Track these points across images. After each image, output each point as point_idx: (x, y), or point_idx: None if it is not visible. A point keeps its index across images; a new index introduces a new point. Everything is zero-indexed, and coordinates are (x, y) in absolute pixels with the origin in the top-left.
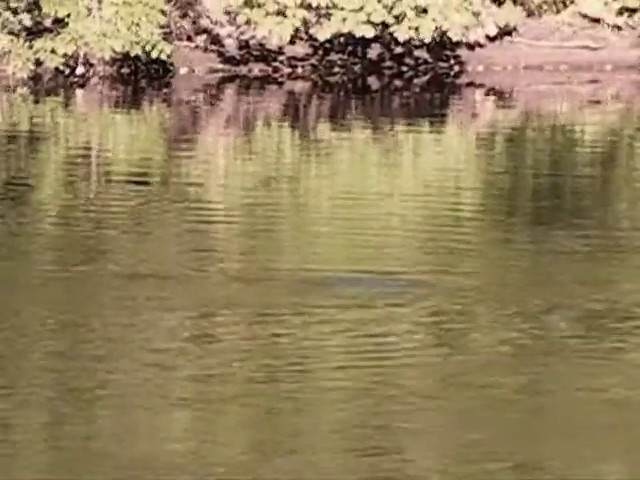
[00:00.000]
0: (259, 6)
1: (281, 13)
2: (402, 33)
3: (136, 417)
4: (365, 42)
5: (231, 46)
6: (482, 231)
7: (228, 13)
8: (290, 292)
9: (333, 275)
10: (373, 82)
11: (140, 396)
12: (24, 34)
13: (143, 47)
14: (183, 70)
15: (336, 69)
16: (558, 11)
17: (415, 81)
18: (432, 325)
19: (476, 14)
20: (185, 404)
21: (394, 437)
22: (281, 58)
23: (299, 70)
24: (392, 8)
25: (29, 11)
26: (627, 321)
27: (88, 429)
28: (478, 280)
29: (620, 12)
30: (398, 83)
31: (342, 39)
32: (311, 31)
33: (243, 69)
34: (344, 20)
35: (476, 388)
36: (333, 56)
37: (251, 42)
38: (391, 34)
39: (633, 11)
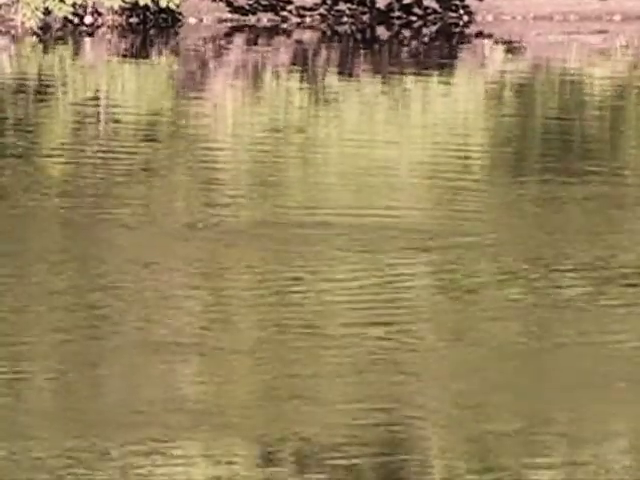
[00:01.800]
0: None
1: None
2: None
3: (147, 364)
4: None
5: None
6: (490, 179)
7: None
8: (298, 239)
9: (340, 221)
10: (382, 32)
11: (150, 344)
12: None
13: None
14: (192, 20)
15: (345, 19)
16: None
17: (424, 31)
18: (439, 276)
19: None
20: (195, 352)
21: (400, 386)
22: (290, 8)
23: (307, 19)
24: None
25: None
26: (635, 274)
27: (99, 374)
28: (486, 229)
29: None
30: (407, 33)
31: None
32: None
33: (252, 19)
34: None
35: (484, 341)
36: (342, 5)
37: None
38: None
39: None
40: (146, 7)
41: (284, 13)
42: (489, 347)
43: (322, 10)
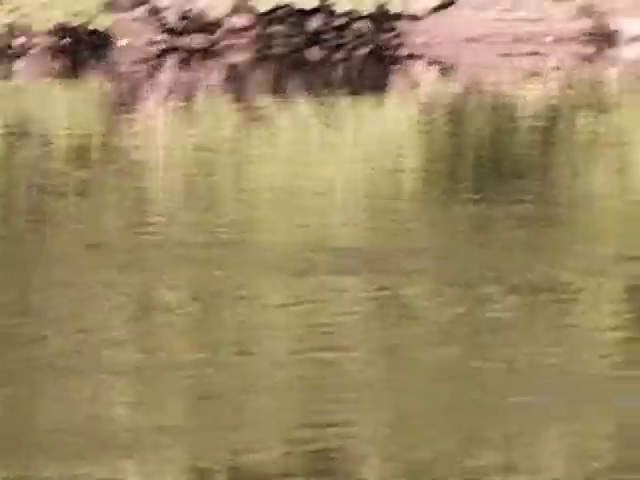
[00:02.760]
0: None
1: None
2: (342, 4)
3: (72, 383)
4: (305, 13)
5: (171, 17)
6: (423, 199)
7: None
8: (229, 259)
9: (271, 241)
10: (314, 54)
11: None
12: None
13: (83, 18)
14: (123, 41)
15: (277, 41)
16: None
17: (356, 53)
18: (372, 297)
19: None
20: (124, 373)
21: (335, 410)
22: (221, 29)
23: (240, 41)
24: None
25: None
26: (562, 292)
27: (25, 394)
28: (418, 250)
29: None
30: (339, 55)
31: (283, 10)
32: (251, 2)
33: (183, 40)
34: None
35: (418, 362)
36: (274, 27)
37: (191, 13)
38: (331, 5)
39: None
40: (77, 29)
41: (216, 35)
42: (423, 368)
43: (254, 32)
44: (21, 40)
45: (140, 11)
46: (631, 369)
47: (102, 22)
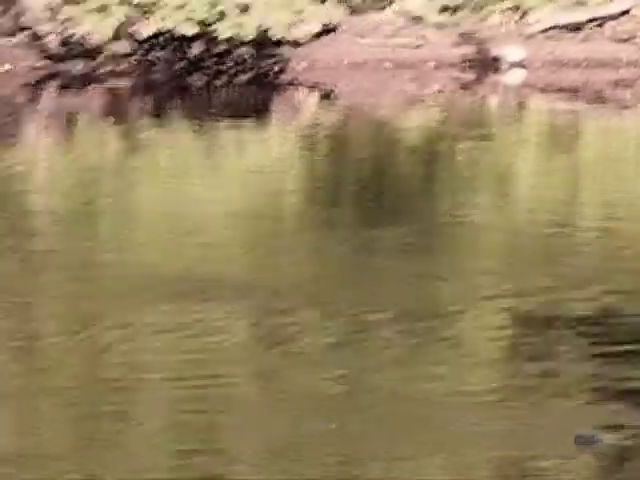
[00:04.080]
0: (80, 3)
1: (103, 10)
2: (224, 31)
3: None
4: (187, 40)
5: (52, 43)
6: (302, 230)
7: (50, 9)
8: (111, 296)
9: (155, 277)
10: (195, 80)
11: None
12: None
13: None
14: (4, 67)
15: (158, 67)
16: (381, 8)
17: (237, 79)
18: (252, 324)
19: (298, 11)
20: (4, 400)
21: (215, 435)
22: (103, 55)
23: (121, 67)
24: (214, 6)
25: None
26: (442, 318)
27: None
28: (299, 279)
29: (442, 10)
30: (220, 81)
31: (164, 37)
32: (133, 28)
33: (65, 66)
34: (166, 18)
35: (299, 387)
36: (155, 53)
37: (73, 39)
38: (213, 32)
39: (455, 9)
40: None
41: (97, 60)
42: (304, 394)
43: (136, 58)
44: None
45: (21, 37)
46: (508, 400)
47: None
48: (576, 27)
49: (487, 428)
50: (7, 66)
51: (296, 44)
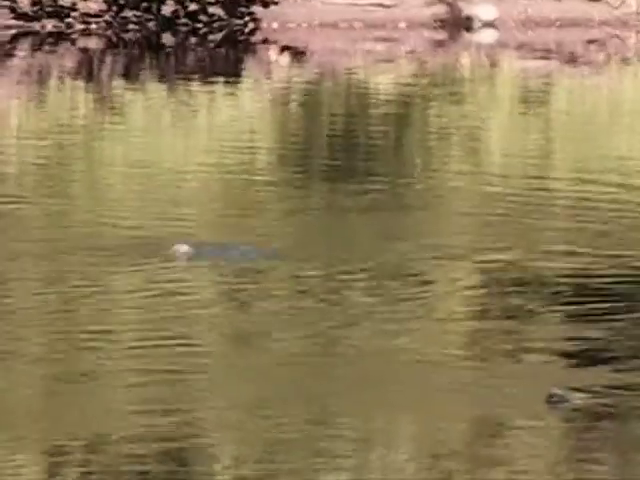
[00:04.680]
0: None
1: None
2: None
3: None
4: None
5: (24, 2)
6: (272, 188)
7: None
8: (80, 255)
9: (125, 236)
10: (168, 39)
11: None
12: None
13: None
14: None
15: (130, 26)
16: None
17: (210, 38)
18: (224, 287)
19: None
20: None
21: (188, 395)
22: (74, 14)
23: (93, 27)
24: None
25: None
26: (412, 277)
27: None
28: (269, 238)
29: None
30: (193, 40)
31: None
32: None
33: (36, 25)
34: None
35: (269, 344)
36: (127, 13)
37: None
38: None
39: None
40: None
41: (69, 20)
42: (277, 355)
43: (107, 17)
44: None
45: None
46: (478, 359)
47: None
48: None
49: (457, 386)
50: None
51: (268, 3)
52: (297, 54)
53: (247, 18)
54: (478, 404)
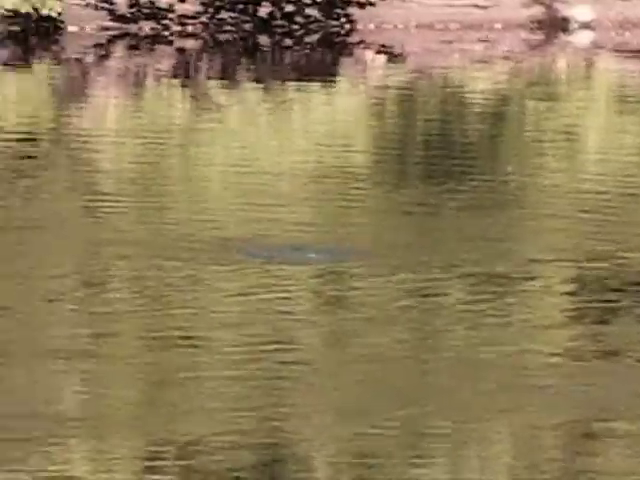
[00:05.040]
0: None
1: None
2: None
3: (26, 371)
4: (256, 0)
5: (121, 4)
6: (372, 186)
7: None
8: (177, 256)
9: (221, 238)
10: (264, 40)
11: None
12: None
13: (33, 4)
14: (73, 28)
15: (227, 27)
16: None
17: (306, 40)
18: (319, 288)
19: None
20: (77, 359)
21: (282, 394)
22: (171, 16)
23: (189, 28)
24: None
25: None
26: (508, 279)
27: None
28: (369, 241)
29: None
30: (289, 42)
31: None
32: None
33: (133, 27)
34: None
35: (364, 347)
36: (224, 14)
37: (141, 0)
38: None
39: None
40: (28, 15)
41: (165, 21)
42: (372, 356)
43: (204, 19)
44: None
45: None
46: (577, 360)
47: (53, 8)
48: None
49: (556, 390)
50: (76, 27)
51: (364, 5)
52: (393, 55)
53: (343, 19)
54: (578, 407)
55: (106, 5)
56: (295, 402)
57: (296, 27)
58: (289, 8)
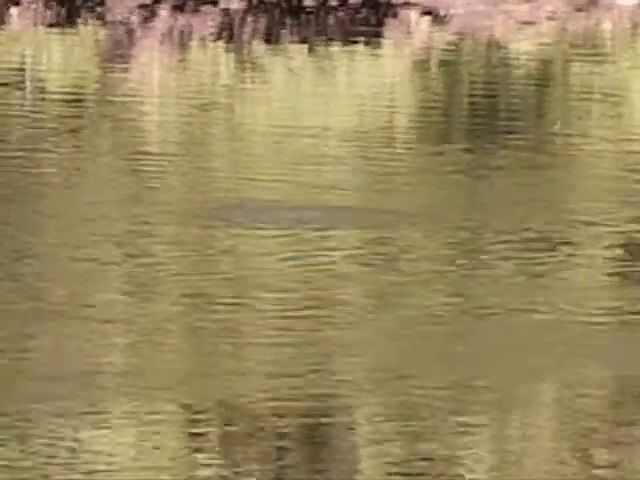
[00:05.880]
0: None
1: None
2: None
3: (72, 333)
4: None
5: None
6: (416, 148)
7: None
8: (228, 221)
9: (271, 203)
10: (308, 1)
11: (76, 314)
12: None
13: None
14: None
15: None
16: None
17: (350, 0)
18: (367, 248)
19: None
20: (123, 322)
21: (328, 354)
22: None
23: None
24: None
25: None
26: (556, 243)
27: (24, 346)
28: (412, 202)
29: None
30: (333, 2)
31: None
32: None
33: None
34: None
35: (412, 309)
36: None
37: None
38: None
39: None
40: None
41: None
42: (419, 316)
43: None
44: None
45: None
46: (620, 324)
47: None
48: None
49: (599, 351)
50: None
51: None
52: (438, 17)
53: None
54: (620, 369)
55: None
56: (341, 366)
57: None
58: None
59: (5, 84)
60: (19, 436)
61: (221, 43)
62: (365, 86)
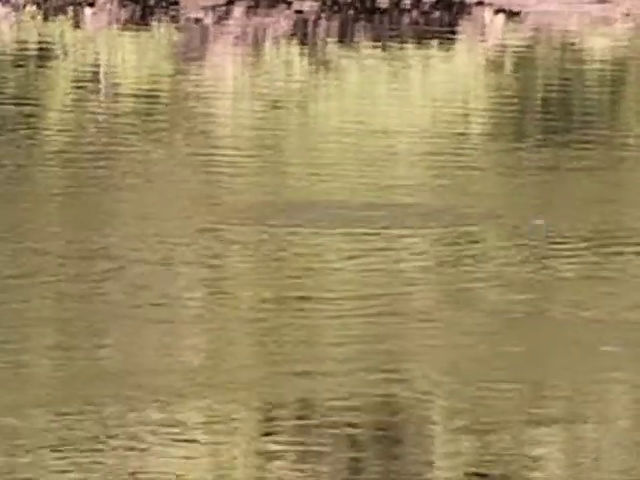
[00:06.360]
0: None
1: None
2: None
3: (145, 332)
4: None
5: None
6: (490, 147)
7: None
8: (297, 221)
9: (341, 203)
10: (382, 0)
11: (150, 312)
12: None
13: None
14: None
15: None
16: None
17: (424, 0)
18: (440, 249)
19: None
20: (195, 321)
21: (399, 352)
22: None
23: None
24: None
25: None
26: (632, 241)
27: (97, 343)
28: (486, 202)
29: None
30: (407, 2)
31: None
32: None
33: None
34: None
35: (483, 308)
36: None
37: None
38: None
39: None
40: None
41: None
42: (487, 314)
43: None
44: None
45: None
46: None
47: None
48: None
49: None
50: None
51: None
52: (512, 15)
53: None
54: None
55: None
56: (412, 363)
57: None
58: None
59: (80, 83)
60: (92, 432)
61: (295, 43)
62: (439, 85)
